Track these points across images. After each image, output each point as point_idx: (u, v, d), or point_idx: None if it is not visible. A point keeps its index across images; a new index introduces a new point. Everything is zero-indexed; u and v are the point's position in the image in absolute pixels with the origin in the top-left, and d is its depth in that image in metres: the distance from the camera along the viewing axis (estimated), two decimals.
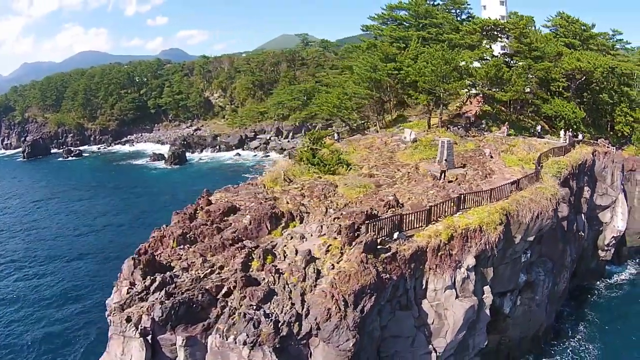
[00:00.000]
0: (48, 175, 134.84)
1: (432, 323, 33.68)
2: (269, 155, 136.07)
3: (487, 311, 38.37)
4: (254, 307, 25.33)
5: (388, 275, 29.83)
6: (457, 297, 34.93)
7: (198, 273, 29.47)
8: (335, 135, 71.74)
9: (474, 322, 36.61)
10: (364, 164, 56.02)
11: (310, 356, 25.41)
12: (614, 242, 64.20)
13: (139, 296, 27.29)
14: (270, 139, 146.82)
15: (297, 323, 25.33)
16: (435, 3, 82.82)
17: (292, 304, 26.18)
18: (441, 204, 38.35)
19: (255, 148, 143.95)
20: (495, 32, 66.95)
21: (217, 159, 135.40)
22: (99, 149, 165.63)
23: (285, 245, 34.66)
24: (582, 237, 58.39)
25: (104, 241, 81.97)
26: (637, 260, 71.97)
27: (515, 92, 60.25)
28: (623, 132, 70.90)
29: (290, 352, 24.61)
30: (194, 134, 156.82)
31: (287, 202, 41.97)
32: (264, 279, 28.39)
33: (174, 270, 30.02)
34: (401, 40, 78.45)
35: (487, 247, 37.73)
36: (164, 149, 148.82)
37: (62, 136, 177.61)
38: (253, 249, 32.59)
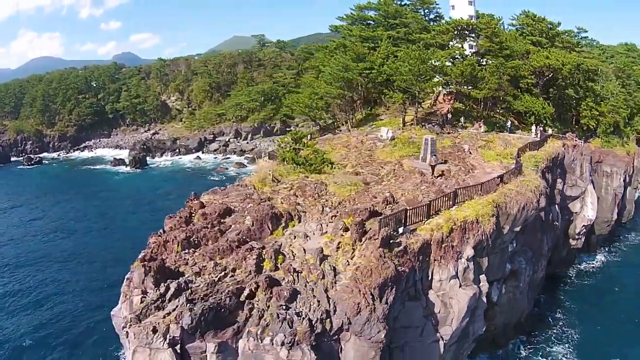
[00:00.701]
0: (10, 184, 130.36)
1: (439, 312, 34.60)
2: (229, 158, 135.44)
3: (484, 299, 39.63)
4: (284, 307, 25.36)
5: (402, 268, 30.40)
6: (460, 286, 35.99)
7: (212, 277, 29.07)
8: (309, 136, 72.18)
9: (474, 310, 37.74)
10: (346, 162, 56.39)
11: (341, 351, 25.69)
12: (584, 231, 66.95)
13: (155, 305, 26.58)
14: (229, 140, 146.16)
15: (328, 319, 25.53)
16: (404, 3, 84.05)
17: (318, 302, 26.37)
18: (439, 199, 39.31)
19: (215, 150, 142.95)
20: (466, 32, 68.54)
21: (177, 162, 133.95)
22: (58, 155, 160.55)
23: (291, 245, 34.82)
24: (556, 226, 60.76)
25: (75, 246, 79.69)
26: (606, 249, 75.44)
27: (490, 90, 61.98)
28: (588, 125, 73.80)
29: (323, 349, 24.79)
30: (153, 138, 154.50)
31: (282, 202, 42.09)
32: (283, 278, 28.43)
33: (186, 276, 29.45)
34: (370, 40, 79.29)
35: (483, 237, 39.02)
36: (124, 154, 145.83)
37: (21, 143, 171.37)
38: (261, 249, 32.53)
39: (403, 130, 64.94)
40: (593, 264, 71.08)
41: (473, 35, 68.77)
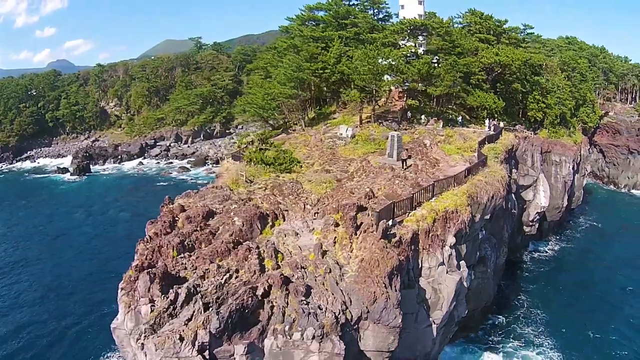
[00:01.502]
0: None
1: (430, 298, 35.95)
2: (172, 163, 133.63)
3: (465, 283, 41.27)
4: (304, 302, 25.64)
5: (401, 257, 31.36)
6: (447, 272, 37.45)
7: (218, 279, 28.82)
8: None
9: (459, 294, 39.32)
10: (312, 161, 57.00)
11: (360, 340, 26.28)
12: (537, 217, 70.53)
13: (167, 312, 26.15)
14: (170, 145, 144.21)
15: (347, 310, 26.04)
16: (353, 3, 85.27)
17: (332, 294, 26.85)
18: (420, 192, 40.67)
19: (157, 155, 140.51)
20: (419, 31, 70.47)
21: (121, 169, 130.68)
22: (1, 167, 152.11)
23: (284, 243, 35.18)
24: (514, 214, 63.87)
25: (30, 255, 76.07)
26: (558, 234, 79.97)
27: (445, 87, 64.09)
28: (535, 117, 77.56)
29: (345, 338, 25.26)
30: (93, 145, 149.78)
31: (263, 202, 42.22)
32: (292, 275, 28.67)
33: (192, 280, 28.96)
34: (320, 40, 79.88)
35: (462, 226, 40.68)
36: (66, 162, 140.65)
37: None
38: (257, 249, 32.62)
39: (361, 128, 66.08)
40: (546, 249, 75.13)
41: (425, 34, 70.66)
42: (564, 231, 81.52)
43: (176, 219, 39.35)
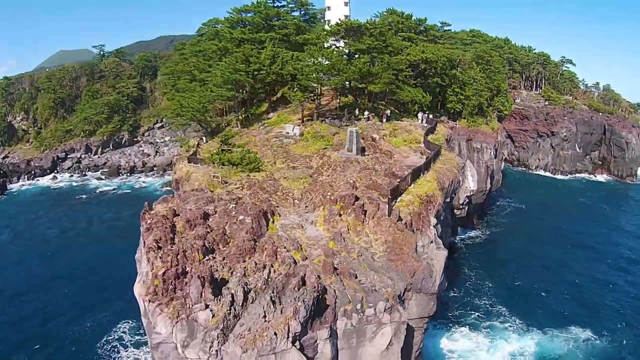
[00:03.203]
0: None
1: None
2: (85, 175, 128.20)
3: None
4: (360, 282, 27.90)
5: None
6: (436, 248, 41.22)
7: (261, 275, 29.71)
8: (204, 138, 73.02)
9: (444, 269, 43.36)
10: (269, 159, 58.49)
11: (405, 309, 29.05)
12: (467, 201, 76.74)
13: (234, 314, 26.38)
14: (81, 157, 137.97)
15: (393, 284, 28.70)
16: (280, 4, 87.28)
17: (374, 273, 29.36)
18: (404, 180, 44.24)
19: (69, 168, 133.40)
20: (352, 32, 73.97)
21: (37, 184, 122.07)
22: None
23: (293, 236, 36.99)
24: (452, 198, 69.55)
25: None
26: (485, 217, 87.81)
27: (384, 84, 68.15)
28: (455, 109, 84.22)
29: None
30: (4, 162, 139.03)
31: (253, 201, 43.53)
32: (330, 261, 30.71)
33: (236, 279, 29.38)
34: (249, 42, 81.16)
35: (439, 208, 44.87)
36: None
37: None
38: (280, 244, 34.01)
39: (305, 126, 68.44)
40: (475, 229, 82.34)
41: (358, 34, 74.24)
42: (488, 212, 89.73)
43: (174, 223, 39.63)
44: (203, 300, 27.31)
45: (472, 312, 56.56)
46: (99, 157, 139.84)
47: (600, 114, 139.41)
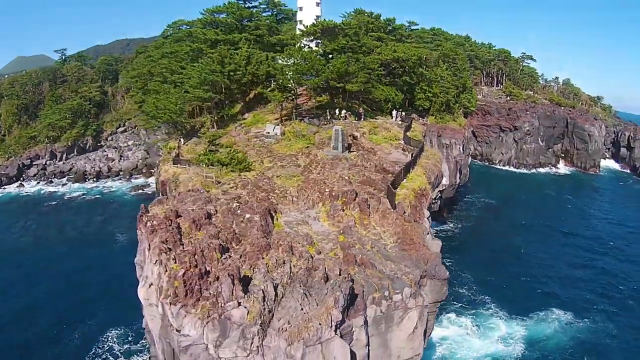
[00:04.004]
0: None
1: None
2: (52, 182, 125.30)
3: None
4: (381, 271, 29.43)
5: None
6: (432, 239, 43.30)
7: (284, 270, 30.57)
8: (182, 140, 73.04)
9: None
10: (255, 159, 59.28)
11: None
12: (439, 195, 79.48)
13: (268, 309, 27.04)
14: (46, 163, 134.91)
15: (411, 270, 30.43)
16: (251, 5, 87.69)
17: (391, 262, 30.97)
18: (399, 174, 46.11)
19: (35, 176, 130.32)
20: (327, 32, 75.47)
21: (4, 192, 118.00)
22: None
23: (301, 232, 38.19)
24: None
25: None
26: (454, 211, 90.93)
27: (361, 83, 69.86)
28: (423, 106, 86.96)
29: None
30: None
31: (252, 199, 44.43)
32: (349, 253, 32.12)
33: (261, 275, 30.13)
34: (224, 42, 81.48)
35: (430, 201, 47.01)
36: None
37: None
38: (292, 240, 35.06)
39: (284, 125, 69.47)
40: (445, 223, 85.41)
41: (333, 34, 75.79)
42: (457, 206, 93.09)
43: (180, 224, 40.07)
44: (234, 298, 27.42)
45: (455, 302, 59.07)
46: (64, 163, 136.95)
47: (562, 107, 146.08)
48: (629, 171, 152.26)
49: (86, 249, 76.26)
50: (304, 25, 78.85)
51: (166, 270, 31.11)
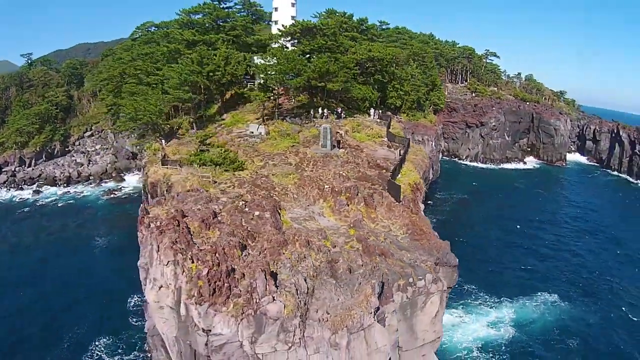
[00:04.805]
0: None
1: None
2: (23, 189, 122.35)
3: None
4: (403, 260, 31.13)
5: None
6: None
7: (308, 263, 31.91)
8: (163, 142, 73.04)
9: None
10: (246, 158, 59.97)
11: None
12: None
13: (303, 302, 28.03)
14: (15, 170, 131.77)
15: (427, 258, 32.39)
16: (226, 5, 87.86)
17: (406, 251, 32.76)
18: (395, 170, 48.01)
19: (5, 182, 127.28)
20: (307, 32, 76.71)
21: None
22: None
23: (310, 227, 39.51)
24: None
25: None
26: (428, 206, 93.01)
27: (341, 83, 71.45)
28: (395, 104, 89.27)
29: None
30: None
31: (255, 197, 45.41)
32: (358, 247, 33.64)
33: (289, 270, 31.13)
34: (199, 43, 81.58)
35: (423, 195, 49.13)
36: None
37: None
38: (307, 236, 36.33)
39: (267, 125, 70.36)
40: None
41: (312, 34, 77.05)
42: (431, 201, 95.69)
43: (188, 225, 40.62)
44: (268, 293, 27.97)
45: (450, 294, 61.30)
46: (33, 169, 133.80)
47: (527, 103, 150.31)
48: (595, 163, 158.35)
49: (65, 254, 74.48)
50: (282, 25, 79.79)
51: (184, 271, 31.24)
